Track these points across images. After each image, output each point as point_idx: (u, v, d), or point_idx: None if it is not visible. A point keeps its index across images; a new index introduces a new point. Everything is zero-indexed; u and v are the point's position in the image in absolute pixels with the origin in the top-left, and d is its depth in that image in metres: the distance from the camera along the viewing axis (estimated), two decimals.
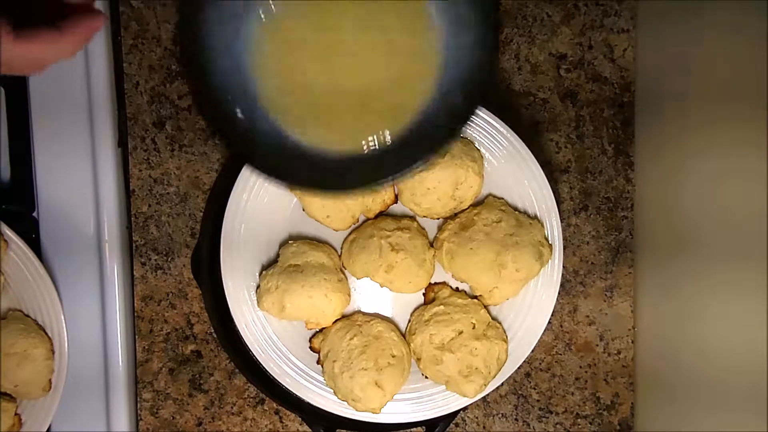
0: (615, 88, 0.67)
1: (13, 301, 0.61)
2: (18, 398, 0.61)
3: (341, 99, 0.48)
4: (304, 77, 0.47)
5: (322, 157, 0.48)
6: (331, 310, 0.59)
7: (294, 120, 0.47)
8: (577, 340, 0.67)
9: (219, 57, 0.45)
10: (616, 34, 0.67)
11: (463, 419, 0.67)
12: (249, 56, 0.46)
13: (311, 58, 0.47)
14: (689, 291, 0.60)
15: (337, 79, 0.47)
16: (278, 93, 0.47)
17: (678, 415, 0.61)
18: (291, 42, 0.47)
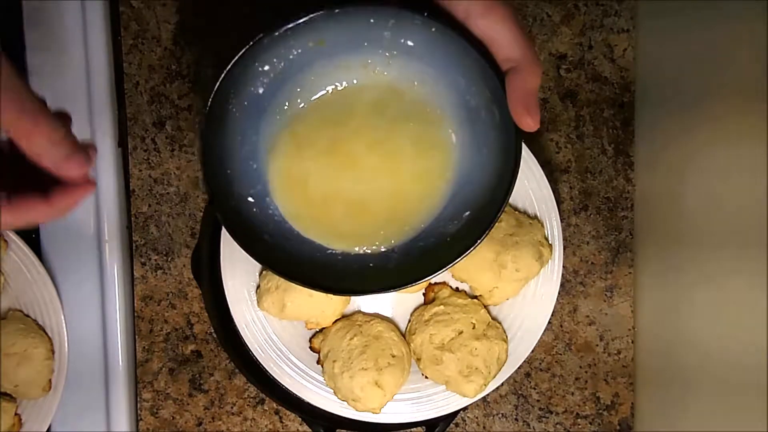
0: (615, 88, 0.67)
1: (13, 301, 0.61)
2: (18, 398, 0.61)
3: (341, 204, 0.49)
4: (306, 178, 0.49)
5: (321, 253, 0.49)
6: (331, 310, 0.59)
7: (298, 219, 0.49)
8: (577, 340, 0.67)
9: (236, 147, 0.47)
10: (616, 34, 0.67)
11: (463, 419, 0.67)
12: (264, 149, 0.48)
13: (317, 160, 0.49)
14: (689, 291, 0.60)
15: (341, 186, 0.49)
16: (282, 186, 0.49)
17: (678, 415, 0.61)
18: (303, 147, 0.49)
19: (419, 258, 0.48)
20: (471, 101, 0.47)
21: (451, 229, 0.48)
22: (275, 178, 0.49)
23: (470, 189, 0.48)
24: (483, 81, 0.44)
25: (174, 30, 0.65)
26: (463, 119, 0.48)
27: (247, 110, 0.47)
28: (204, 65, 0.65)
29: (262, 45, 0.44)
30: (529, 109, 0.42)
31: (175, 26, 0.65)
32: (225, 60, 0.65)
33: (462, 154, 0.48)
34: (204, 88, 0.65)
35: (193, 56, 0.65)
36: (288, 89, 0.48)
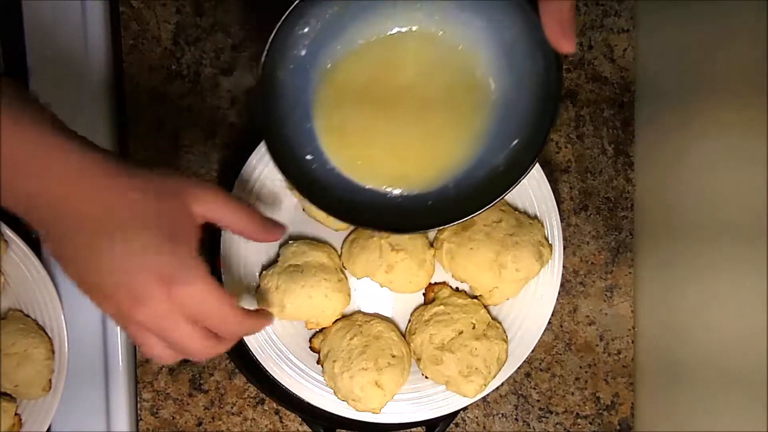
0: (615, 88, 0.67)
1: (13, 301, 0.61)
2: (18, 398, 0.61)
3: (390, 148, 0.52)
4: (350, 126, 0.51)
5: (380, 197, 0.52)
6: (331, 310, 0.59)
7: (344, 163, 0.52)
8: (577, 340, 0.67)
9: (290, 110, 0.50)
10: (616, 34, 0.67)
11: (463, 419, 0.67)
12: (313, 106, 0.51)
13: (359, 109, 0.51)
14: (690, 290, 0.60)
15: (378, 131, 0.51)
16: (332, 139, 0.51)
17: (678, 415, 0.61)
18: (345, 100, 0.51)
19: (476, 190, 0.50)
20: (506, 35, 0.48)
21: (501, 159, 0.50)
22: (324, 133, 0.51)
23: (514, 118, 0.49)
24: (515, 11, 0.46)
25: (174, 30, 0.65)
26: (500, 54, 0.49)
27: (293, 73, 0.49)
28: (204, 65, 0.65)
29: (302, 7, 0.45)
30: (565, 32, 0.43)
31: (175, 26, 0.65)
32: (225, 61, 0.65)
33: (502, 88, 0.50)
34: (204, 88, 0.65)
35: (193, 56, 0.65)
36: (328, 47, 0.50)
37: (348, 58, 0.50)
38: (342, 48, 0.50)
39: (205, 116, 0.65)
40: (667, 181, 0.63)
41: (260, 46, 0.65)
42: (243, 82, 0.65)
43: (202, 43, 0.65)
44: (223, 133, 0.65)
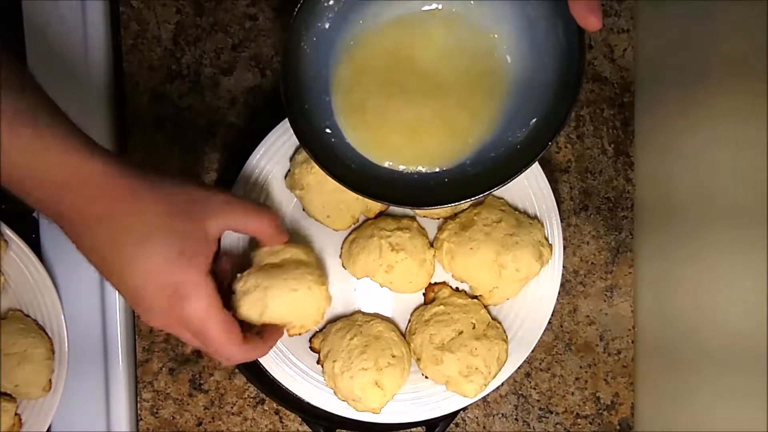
0: (615, 88, 0.67)
1: (13, 301, 0.61)
2: (18, 398, 0.61)
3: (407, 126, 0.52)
4: (367, 104, 0.52)
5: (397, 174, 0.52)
6: (314, 306, 0.54)
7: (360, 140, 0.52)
8: (577, 340, 0.67)
9: (312, 81, 0.50)
10: (616, 34, 0.67)
11: (463, 419, 0.67)
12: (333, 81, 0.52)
13: (377, 87, 0.52)
14: (690, 290, 0.60)
15: (404, 108, 0.52)
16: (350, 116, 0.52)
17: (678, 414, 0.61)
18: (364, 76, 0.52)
19: (493, 167, 0.50)
20: (531, 12, 0.48)
21: (519, 137, 0.50)
22: (341, 111, 0.52)
23: (534, 96, 0.50)
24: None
25: (174, 30, 0.65)
26: (523, 31, 0.49)
27: (316, 46, 0.50)
28: (204, 65, 0.65)
29: None
30: (592, 9, 0.43)
31: (175, 26, 0.65)
32: (225, 61, 0.65)
33: (521, 66, 0.50)
34: (204, 88, 0.65)
35: (193, 56, 0.65)
36: (351, 22, 0.50)
37: (370, 36, 0.51)
38: (364, 24, 0.51)
39: (205, 116, 0.65)
40: (667, 181, 0.63)
41: (260, 47, 0.65)
42: (243, 82, 0.65)
43: (202, 43, 0.65)
44: (223, 133, 0.65)
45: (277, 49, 0.65)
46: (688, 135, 0.60)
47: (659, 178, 0.65)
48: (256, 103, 0.65)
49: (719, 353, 0.56)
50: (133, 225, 0.43)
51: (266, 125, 0.59)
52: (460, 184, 0.51)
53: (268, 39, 0.65)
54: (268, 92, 0.65)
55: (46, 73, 0.62)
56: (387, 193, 0.50)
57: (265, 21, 0.65)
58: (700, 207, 0.59)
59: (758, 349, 0.51)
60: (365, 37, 0.51)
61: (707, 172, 0.58)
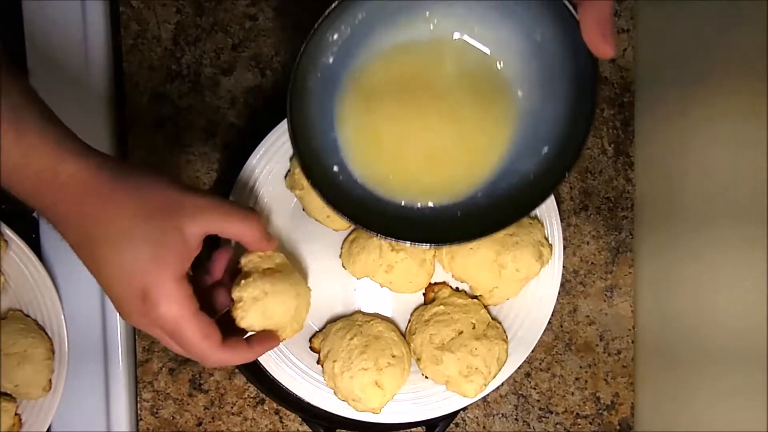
0: (615, 88, 0.67)
1: (13, 301, 0.61)
2: (18, 398, 0.61)
3: (411, 159, 0.51)
4: (380, 137, 0.51)
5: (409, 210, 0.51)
6: (306, 311, 0.55)
7: (370, 175, 0.51)
8: (577, 340, 0.67)
9: (318, 120, 0.49)
10: (616, 34, 0.67)
11: (463, 419, 0.67)
12: (339, 119, 0.50)
13: (388, 120, 0.51)
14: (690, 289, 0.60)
15: (409, 141, 0.51)
16: (359, 151, 0.51)
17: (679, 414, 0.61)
18: (372, 110, 0.51)
19: (506, 200, 0.49)
20: (537, 37, 0.47)
21: (531, 167, 0.49)
22: (350, 144, 0.51)
23: (545, 124, 0.48)
24: (550, 14, 0.44)
25: (174, 30, 0.65)
26: (530, 56, 0.48)
27: (321, 82, 0.48)
28: (204, 65, 0.65)
29: (335, 13, 0.44)
30: (606, 36, 0.42)
31: (175, 26, 0.65)
32: (225, 61, 0.65)
33: (530, 93, 0.49)
34: (204, 88, 0.65)
35: (193, 56, 0.65)
36: (355, 55, 0.49)
37: (375, 66, 0.50)
38: (368, 54, 0.49)
39: (205, 116, 0.65)
40: (667, 181, 0.63)
41: (260, 47, 0.65)
42: (243, 82, 0.65)
43: (202, 43, 0.65)
44: (223, 133, 0.65)
45: (277, 49, 0.65)
46: (688, 135, 0.60)
47: (659, 178, 0.65)
48: (256, 103, 0.65)
49: (719, 353, 0.56)
50: (105, 227, 0.42)
51: (266, 125, 0.59)
52: (473, 218, 0.50)
53: (268, 39, 0.65)
54: (268, 92, 0.65)
55: (46, 73, 0.62)
56: (404, 232, 0.48)
57: (265, 21, 0.65)
58: (700, 207, 0.59)
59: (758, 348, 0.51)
60: (371, 67, 0.50)
61: (707, 171, 0.58)
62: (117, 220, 0.42)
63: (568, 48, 0.45)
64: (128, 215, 0.42)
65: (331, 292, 0.61)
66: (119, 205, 0.42)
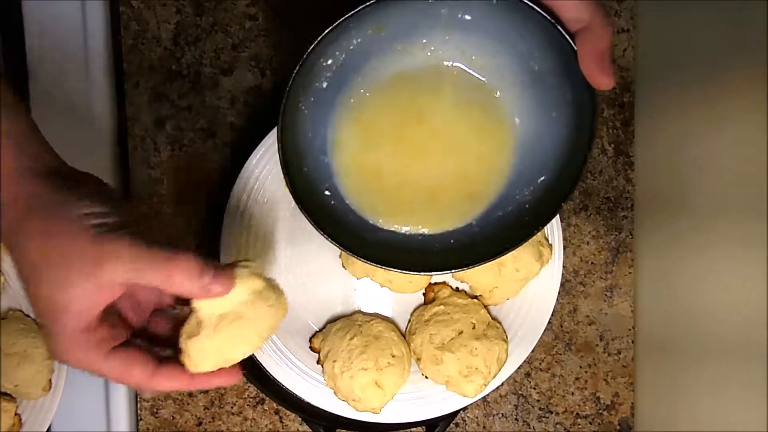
0: (615, 88, 0.67)
1: (13, 301, 0.61)
2: (18, 398, 0.61)
3: (411, 189, 0.50)
4: (378, 166, 0.50)
5: (398, 237, 0.50)
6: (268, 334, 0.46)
7: (367, 203, 0.50)
8: (577, 340, 0.67)
9: (310, 143, 0.48)
10: (616, 34, 0.67)
11: (463, 419, 0.67)
12: (333, 144, 0.50)
13: (387, 148, 0.50)
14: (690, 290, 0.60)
15: (408, 170, 0.50)
16: (354, 178, 0.50)
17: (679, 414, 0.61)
18: (368, 137, 0.50)
19: (500, 229, 0.48)
20: (535, 66, 0.46)
21: (527, 196, 0.48)
22: (344, 171, 0.50)
23: (542, 154, 0.48)
24: (548, 44, 0.44)
25: (174, 30, 0.65)
26: (528, 85, 0.48)
27: (314, 106, 0.48)
28: (204, 65, 0.65)
29: (327, 39, 0.44)
30: (604, 68, 0.41)
31: (175, 26, 0.65)
32: (225, 61, 0.65)
33: (527, 122, 0.48)
34: (204, 88, 0.65)
35: (193, 56, 0.65)
36: (350, 80, 0.49)
37: (371, 94, 0.49)
38: (364, 82, 0.49)
39: (205, 116, 0.65)
40: (667, 181, 0.63)
41: (260, 47, 0.65)
42: (243, 82, 0.65)
43: (202, 43, 0.65)
44: (223, 133, 0.65)
45: (277, 49, 0.65)
46: (689, 135, 0.60)
47: (659, 179, 0.65)
48: (256, 103, 0.65)
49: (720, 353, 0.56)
50: (17, 259, 0.40)
51: (266, 125, 0.59)
52: (466, 246, 0.49)
53: (268, 39, 0.65)
54: (268, 92, 0.65)
55: (45, 73, 0.62)
56: (395, 259, 0.48)
57: (265, 21, 0.65)
58: (700, 206, 0.59)
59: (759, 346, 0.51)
60: (367, 96, 0.49)
61: (707, 171, 0.58)
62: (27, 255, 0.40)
63: (567, 78, 0.44)
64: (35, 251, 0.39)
65: (331, 292, 0.61)
66: (30, 237, 0.39)
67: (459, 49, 0.48)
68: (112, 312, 0.42)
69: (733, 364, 0.54)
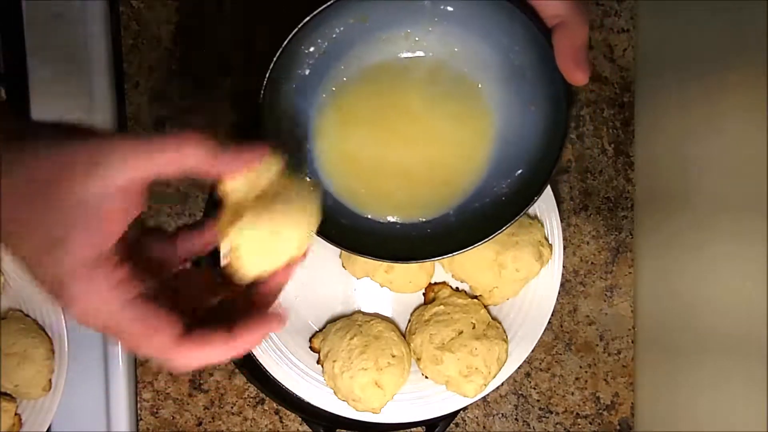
0: (615, 88, 0.67)
1: (13, 301, 0.61)
2: (18, 398, 0.61)
3: (389, 175, 0.50)
4: (357, 153, 0.50)
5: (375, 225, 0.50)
6: (315, 222, 0.40)
7: (344, 188, 0.50)
8: (577, 340, 0.67)
9: (292, 130, 0.49)
10: (616, 34, 0.67)
11: (463, 419, 0.67)
12: (315, 131, 0.50)
13: (366, 135, 0.50)
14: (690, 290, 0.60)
15: (386, 158, 0.50)
16: (334, 164, 0.50)
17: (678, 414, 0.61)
18: (349, 124, 0.50)
19: (477, 219, 0.49)
20: (515, 60, 0.47)
21: (504, 189, 0.49)
22: (325, 157, 0.50)
23: (520, 147, 0.48)
24: (527, 39, 0.44)
25: (174, 30, 0.65)
26: (508, 79, 0.48)
27: (295, 93, 0.48)
28: (204, 65, 0.65)
29: (308, 26, 0.44)
30: (579, 64, 0.42)
31: (175, 26, 0.65)
32: (225, 61, 0.65)
33: (506, 115, 0.49)
34: (204, 88, 0.65)
35: (193, 56, 0.65)
36: (332, 68, 0.49)
37: (354, 82, 0.49)
38: (347, 70, 0.49)
39: (205, 116, 0.65)
40: (667, 181, 0.63)
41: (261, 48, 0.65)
42: (243, 81, 0.65)
43: (202, 43, 0.65)
44: (223, 133, 0.65)
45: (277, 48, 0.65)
46: (689, 134, 0.60)
47: (659, 178, 0.65)
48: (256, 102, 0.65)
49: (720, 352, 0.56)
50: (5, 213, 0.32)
51: None
52: (442, 236, 0.49)
53: (269, 38, 0.65)
54: None
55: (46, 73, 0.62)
56: (370, 246, 0.48)
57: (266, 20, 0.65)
58: (700, 206, 0.59)
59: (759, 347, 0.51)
60: (349, 84, 0.49)
61: (707, 171, 0.58)
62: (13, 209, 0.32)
63: (545, 73, 0.45)
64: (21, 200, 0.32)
65: (331, 292, 0.61)
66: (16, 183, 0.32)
67: (441, 41, 0.49)
68: (135, 248, 0.35)
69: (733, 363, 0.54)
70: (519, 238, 0.58)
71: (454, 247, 0.47)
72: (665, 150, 0.64)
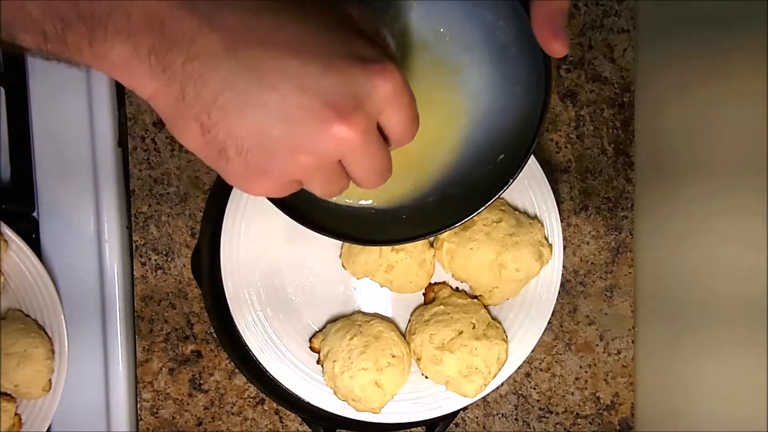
0: (615, 88, 0.67)
1: (13, 301, 0.61)
2: (18, 398, 0.61)
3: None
4: None
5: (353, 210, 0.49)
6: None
7: None
8: (577, 340, 0.67)
9: None
10: (616, 34, 0.67)
11: (463, 419, 0.67)
12: None
13: None
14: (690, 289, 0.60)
15: None
16: None
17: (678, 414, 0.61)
18: None
19: (458, 205, 0.48)
20: (500, 37, 0.46)
21: (484, 174, 0.48)
22: None
23: (504, 131, 0.47)
24: (512, 14, 0.43)
25: None
26: (493, 57, 0.47)
27: None
28: None
29: None
30: (555, 32, 0.38)
31: None
32: None
33: (491, 99, 0.48)
34: None
35: None
36: None
37: None
38: None
39: None
40: (668, 181, 0.63)
41: None
42: None
43: None
44: None
45: None
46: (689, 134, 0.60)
47: (659, 178, 0.65)
48: None
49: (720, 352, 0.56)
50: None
51: None
52: (417, 221, 0.49)
53: None
54: None
55: (46, 73, 0.62)
56: (342, 229, 0.47)
57: None
58: (700, 206, 0.59)
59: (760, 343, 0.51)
60: None
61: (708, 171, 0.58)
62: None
63: (528, 49, 0.43)
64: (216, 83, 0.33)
65: (331, 292, 0.61)
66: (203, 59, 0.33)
67: (426, 19, 0.47)
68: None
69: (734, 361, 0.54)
70: (519, 238, 0.58)
71: (429, 230, 0.47)
72: (665, 150, 0.64)
